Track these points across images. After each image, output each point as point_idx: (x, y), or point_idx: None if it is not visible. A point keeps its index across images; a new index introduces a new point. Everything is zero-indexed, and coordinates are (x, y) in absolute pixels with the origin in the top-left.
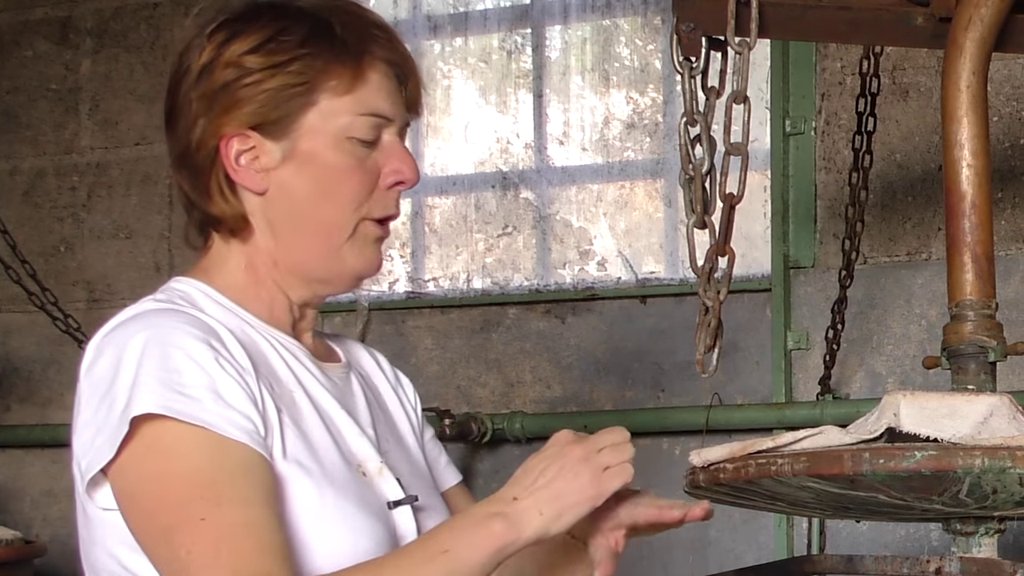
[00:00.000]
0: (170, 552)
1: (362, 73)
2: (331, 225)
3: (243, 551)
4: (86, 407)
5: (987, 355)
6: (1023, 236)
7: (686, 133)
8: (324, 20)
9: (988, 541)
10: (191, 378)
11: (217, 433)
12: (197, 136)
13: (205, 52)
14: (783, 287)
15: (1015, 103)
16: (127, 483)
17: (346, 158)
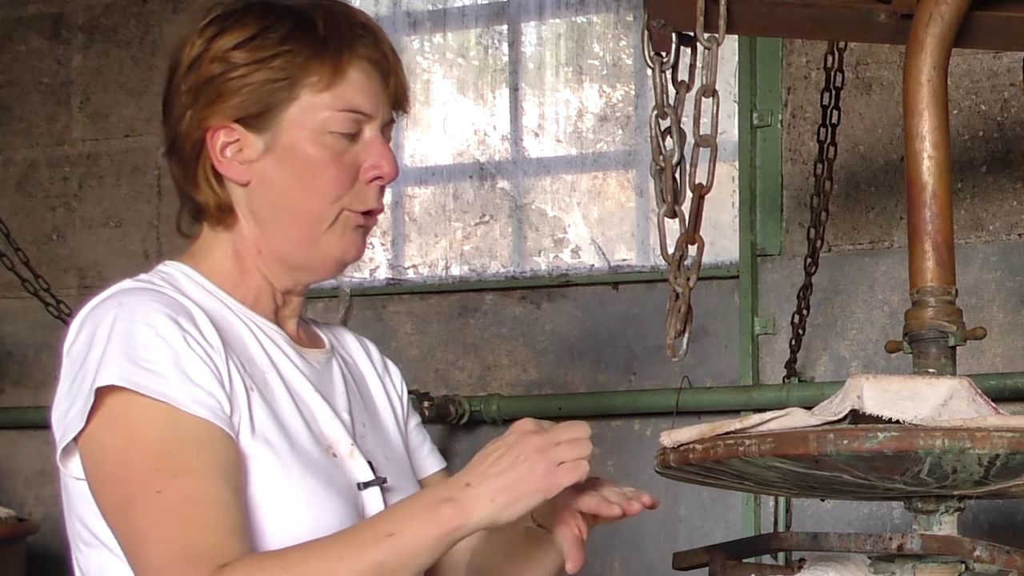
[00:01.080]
0: (126, 522)
1: (342, 70)
2: (310, 215)
3: (196, 524)
4: (63, 382)
5: (947, 340)
6: (982, 225)
7: (657, 126)
8: (308, 18)
9: (948, 519)
10: (157, 354)
11: (179, 408)
12: (185, 127)
13: (195, 46)
14: (750, 274)
15: (974, 96)
16: (91, 453)
17: (324, 151)
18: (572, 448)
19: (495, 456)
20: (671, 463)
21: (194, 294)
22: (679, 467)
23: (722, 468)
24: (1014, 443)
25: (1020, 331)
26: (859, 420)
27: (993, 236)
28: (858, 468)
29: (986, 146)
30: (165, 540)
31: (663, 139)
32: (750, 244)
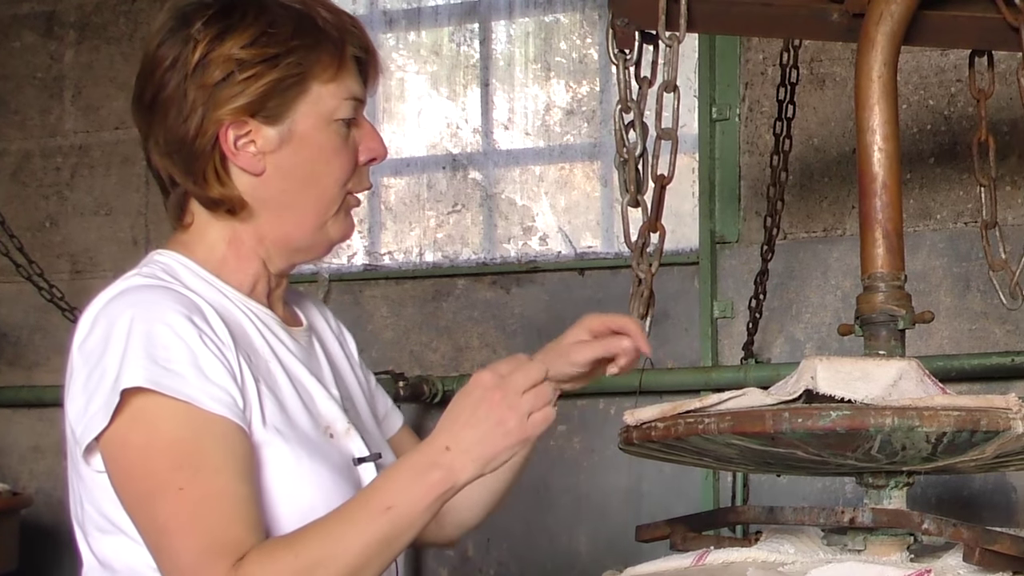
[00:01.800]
0: (150, 517)
1: (344, 61)
2: (323, 200)
3: (217, 519)
4: (78, 378)
5: (897, 323)
6: (930, 214)
7: (621, 119)
8: (306, 14)
9: (898, 494)
10: (176, 354)
11: (198, 407)
12: (195, 125)
13: (199, 47)
14: (710, 260)
15: (922, 91)
16: (114, 451)
17: (334, 138)
18: (537, 397)
19: (465, 415)
20: (634, 440)
21: (195, 285)
22: (642, 444)
23: (683, 445)
24: (960, 421)
25: (966, 315)
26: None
27: (940, 224)
28: (812, 445)
29: (934, 139)
30: (188, 535)
31: (627, 132)
32: (709, 232)
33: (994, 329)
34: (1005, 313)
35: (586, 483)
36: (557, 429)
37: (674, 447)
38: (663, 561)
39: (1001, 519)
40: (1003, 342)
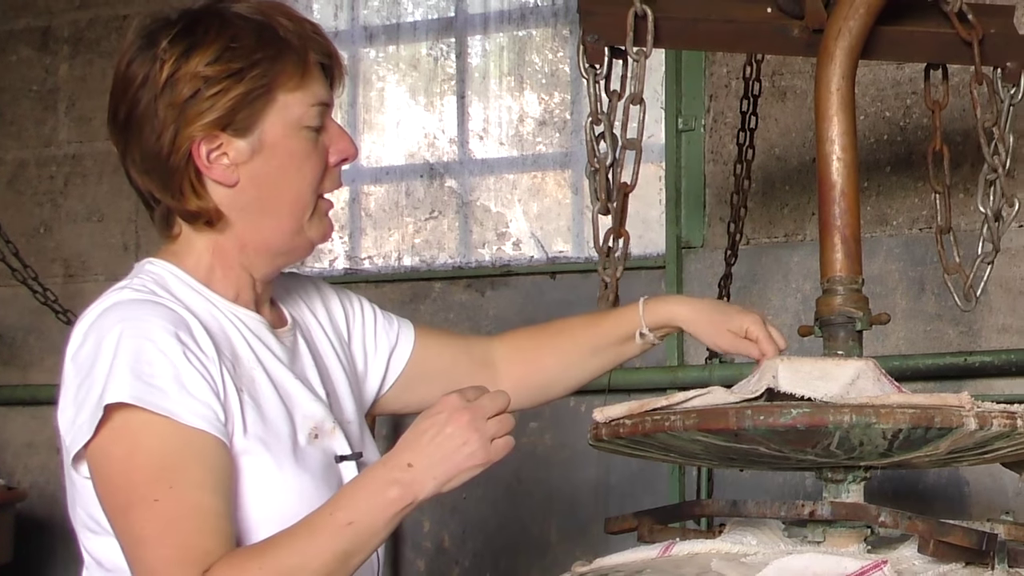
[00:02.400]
0: (126, 526)
1: (308, 69)
2: (297, 203)
3: (190, 531)
4: (69, 388)
5: (855, 324)
6: (886, 220)
7: (591, 130)
8: (267, 24)
9: (855, 488)
10: (159, 369)
11: (179, 422)
12: (168, 142)
13: (166, 66)
14: (676, 264)
15: (879, 103)
16: (98, 462)
17: (304, 144)
18: (501, 424)
19: (431, 433)
20: (603, 437)
21: (184, 296)
22: (610, 440)
23: (650, 441)
24: (915, 418)
25: (921, 316)
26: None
27: (896, 230)
28: (773, 441)
29: (890, 148)
30: (159, 546)
31: (597, 143)
32: (676, 237)
33: (948, 330)
34: (958, 315)
35: (557, 477)
36: (530, 425)
37: (642, 443)
38: (631, 552)
39: (954, 512)
40: (956, 343)
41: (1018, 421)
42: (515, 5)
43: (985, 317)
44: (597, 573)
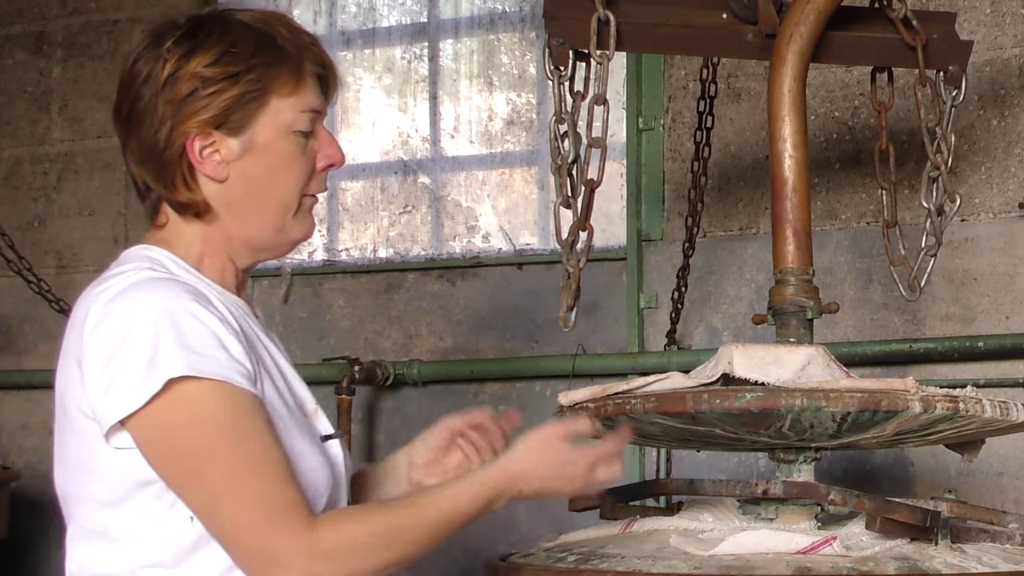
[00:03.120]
0: (201, 490)
1: (302, 76)
2: (282, 203)
3: (267, 480)
4: (92, 362)
5: (806, 313)
6: (836, 215)
7: (556, 130)
8: (267, 32)
9: (806, 468)
10: (204, 339)
11: (231, 384)
12: (164, 136)
13: (168, 65)
14: (636, 256)
15: (829, 104)
16: (151, 432)
17: (292, 148)
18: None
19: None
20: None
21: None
22: None
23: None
24: (863, 402)
25: (868, 306)
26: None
27: (845, 224)
28: (729, 423)
29: (839, 147)
30: (245, 498)
31: (561, 141)
32: (636, 231)
33: (894, 319)
34: (904, 304)
35: None
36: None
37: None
38: (594, 529)
39: (900, 491)
40: (902, 330)
41: (960, 405)
42: (484, 11)
43: (929, 306)
44: (562, 548)
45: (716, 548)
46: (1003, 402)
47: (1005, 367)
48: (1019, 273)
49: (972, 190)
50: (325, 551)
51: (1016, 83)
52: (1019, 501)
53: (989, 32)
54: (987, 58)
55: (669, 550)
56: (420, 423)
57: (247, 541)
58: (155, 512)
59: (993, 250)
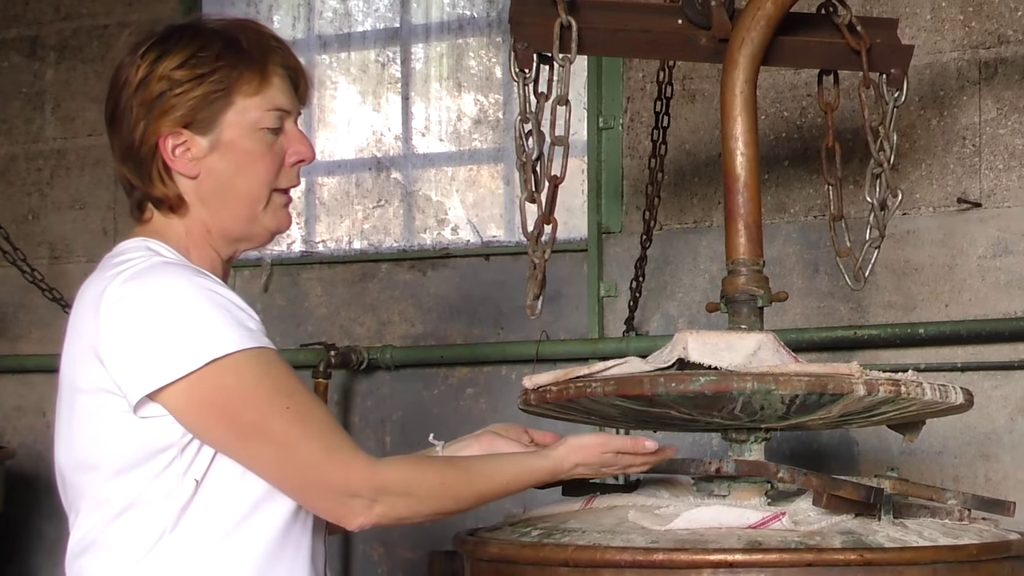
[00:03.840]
0: (265, 441)
1: (267, 77)
2: (250, 197)
3: (321, 425)
4: (115, 339)
5: (756, 301)
6: (785, 208)
7: (521, 128)
8: (233, 37)
9: (757, 447)
10: (235, 314)
11: (268, 348)
12: (139, 135)
13: (141, 69)
14: (597, 248)
15: (778, 105)
16: (202, 397)
17: (259, 145)
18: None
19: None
20: (532, 402)
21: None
22: (538, 405)
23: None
24: (810, 385)
25: (815, 294)
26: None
27: (793, 217)
28: (684, 406)
29: (788, 145)
30: (313, 440)
31: (525, 139)
32: (596, 224)
33: (839, 307)
34: (849, 293)
35: None
36: (466, 391)
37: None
38: (557, 505)
39: (845, 469)
40: (847, 318)
41: (902, 388)
42: (454, 16)
43: (872, 295)
44: (526, 523)
45: (672, 523)
46: (942, 385)
47: (944, 352)
48: (957, 264)
49: (913, 186)
50: (386, 488)
51: (955, 85)
52: (958, 479)
53: (929, 37)
54: (927, 61)
55: (627, 525)
56: (392, 405)
57: (324, 478)
58: (163, 476)
59: (933, 242)
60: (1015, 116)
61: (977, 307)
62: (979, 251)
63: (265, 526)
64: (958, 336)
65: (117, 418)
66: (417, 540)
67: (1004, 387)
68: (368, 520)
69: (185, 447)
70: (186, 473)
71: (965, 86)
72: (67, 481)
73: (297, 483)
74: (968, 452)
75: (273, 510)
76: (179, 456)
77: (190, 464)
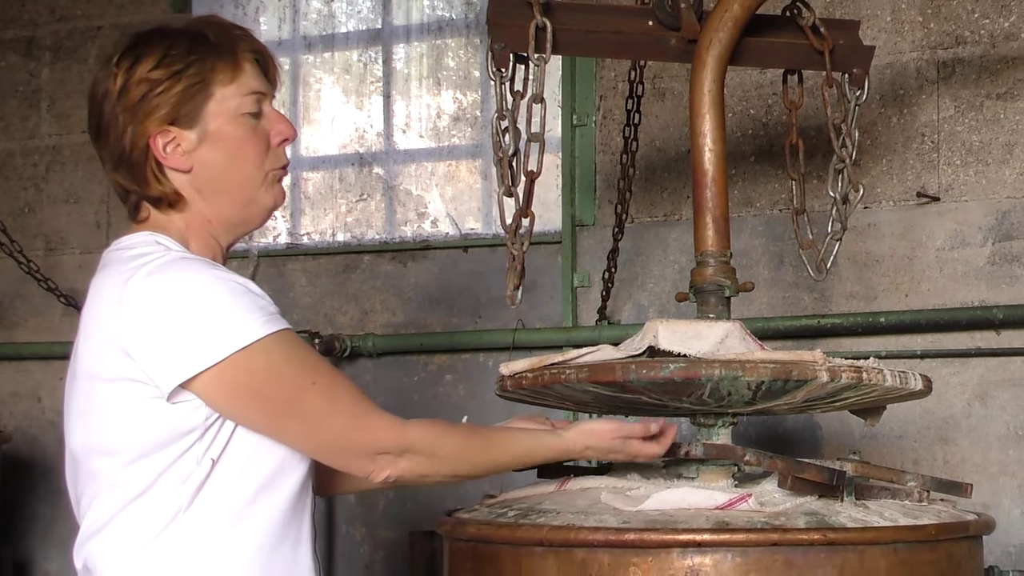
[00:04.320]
0: (301, 414)
1: (239, 64)
2: (245, 180)
3: (346, 396)
4: (141, 331)
5: (724, 292)
6: (751, 202)
7: (498, 125)
8: (199, 32)
9: (724, 431)
10: (257, 301)
11: (289, 330)
12: (129, 140)
13: (118, 77)
14: (571, 240)
15: (745, 103)
16: (231, 381)
17: (243, 129)
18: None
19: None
20: (508, 388)
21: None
22: (514, 391)
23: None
24: (775, 372)
25: (780, 285)
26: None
27: (759, 211)
28: (654, 391)
29: (754, 141)
30: (343, 409)
31: (502, 136)
32: (571, 217)
33: (803, 296)
34: (812, 283)
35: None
36: (445, 378)
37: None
38: (532, 487)
39: (809, 452)
40: (811, 307)
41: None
42: (433, 18)
43: (835, 285)
44: (503, 504)
45: (642, 504)
46: (902, 372)
47: (904, 340)
48: (917, 256)
49: (874, 180)
50: (412, 446)
51: (914, 84)
52: (917, 462)
53: (890, 38)
54: (888, 61)
55: (600, 506)
56: (374, 391)
57: (355, 442)
58: (183, 458)
59: (893, 235)
60: (972, 114)
61: (935, 297)
62: (937, 243)
63: (274, 504)
64: (917, 325)
65: (143, 404)
66: (398, 521)
67: (962, 374)
68: (394, 473)
69: (206, 429)
70: (204, 454)
71: (924, 85)
72: (80, 466)
73: (330, 450)
74: (927, 436)
75: (282, 489)
76: (200, 438)
77: (209, 445)
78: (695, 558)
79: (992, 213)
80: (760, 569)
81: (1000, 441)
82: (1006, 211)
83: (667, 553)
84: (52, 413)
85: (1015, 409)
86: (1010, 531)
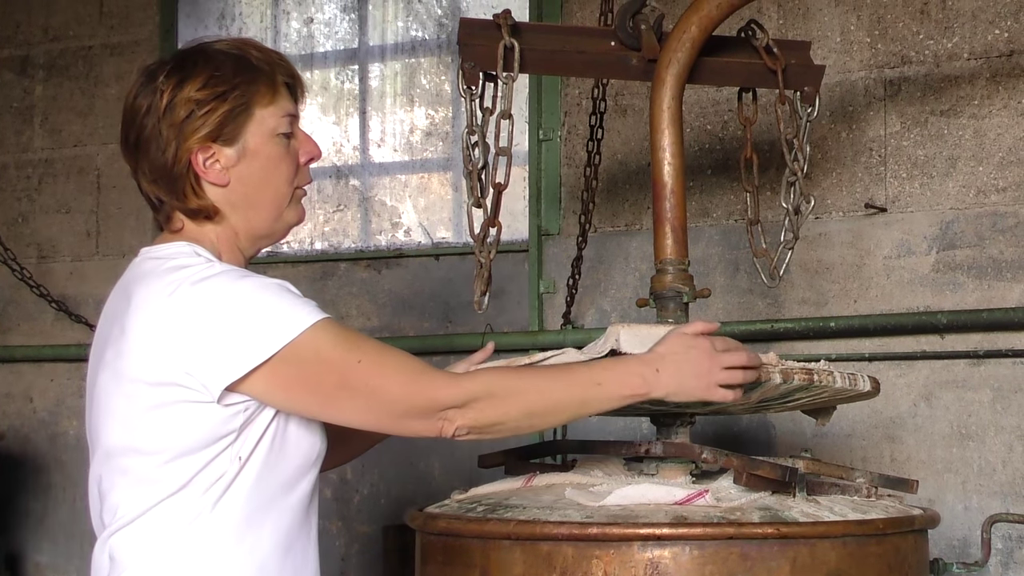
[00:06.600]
0: (350, 394)
1: (277, 88)
2: (277, 196)
3: (395, 364)
4: (187, 336)
5: (682, 297)
6: (708, 213)
7: (468, 139)
8: (242, 56)
9: (683, 431)
10: (297, 297)
11: (328, 317)
12: (172, 155)
13: (165, 95)
14: (537, 248)
15: (702, 119)
16: (283, 375)
17: (279, 149)
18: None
19: (680, 356)
20: None
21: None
22: None
23: None
24: None
25: (735, 291)
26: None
27: (716, 221)
28: None
29: (711, 155)
30: (392, 377)
31: (472, 150)
32: (537, 227)
33: (757, 302)
34: (766, 290)
35: None
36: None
37: None
38: (499, 483)
39: (763, 451)
40: (765, 312)
41: (815, 376)
42: (407, 38)
43: (788, 292)
44: (472, 500)
45: (605, 499)
46: (851, 374)
47: (853, 344)
48: (865, 264)
49: (825, 192)
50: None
51: (862, 101)
52: (866, 459)
53: (839, 58)
54: (837, 80)
55: (564, 501)
56: None
57: (415, 406)
58: (219, 458)
59: (843, 244)
60: (917, 130)
61: (883, 303)
62: (885, 252)
63: (294, 503)
64: (865, 329)
65: (187, 408)
66: (373, 516)
67: (908, 375)
68: (464, 423)
69: (242, 431)
70: (237, 454)
71: (872, 102)
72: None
73: (393, 419)
74: (875, 435)
75: (299, 488)
76: (236, 440)
77: (241, 445)
78: (655, 551)
79: (936, 223)
80: (716, 561)
81: (944, 439)
82: (949, 221)
83: (628, 546)
84: (43, 413)
85: (958, 409)
86: (954, 525)
